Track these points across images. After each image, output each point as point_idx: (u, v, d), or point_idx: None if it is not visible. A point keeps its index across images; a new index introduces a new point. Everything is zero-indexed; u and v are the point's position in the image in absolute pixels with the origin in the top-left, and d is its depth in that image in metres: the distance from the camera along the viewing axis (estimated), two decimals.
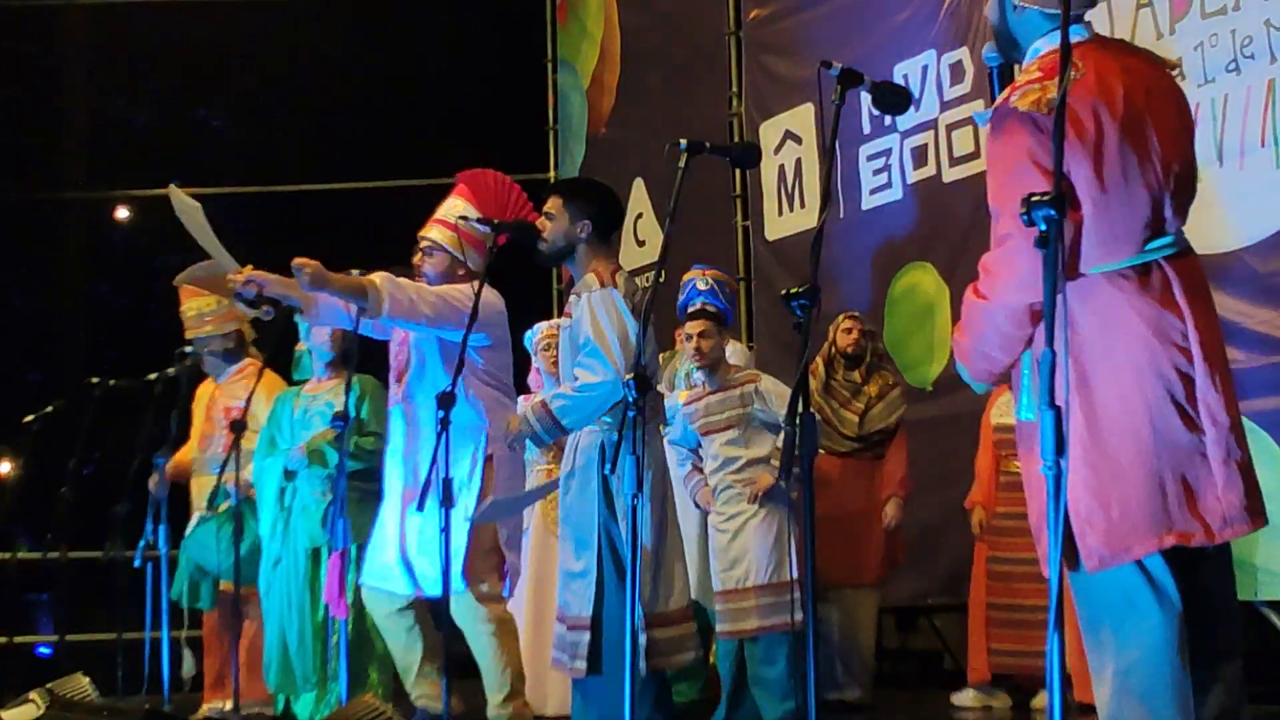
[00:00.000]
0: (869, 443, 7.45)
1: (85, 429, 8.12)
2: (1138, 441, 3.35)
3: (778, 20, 10.30)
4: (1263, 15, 6.82)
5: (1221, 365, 3.44)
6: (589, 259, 5.55)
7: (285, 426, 7.18)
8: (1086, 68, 3.49)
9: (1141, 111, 3.48)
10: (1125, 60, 3.60)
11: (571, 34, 12.83)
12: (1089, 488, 3.36)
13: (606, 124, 12.25)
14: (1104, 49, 3.63)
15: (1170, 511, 3.33)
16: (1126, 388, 3.37)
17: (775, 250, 10.15)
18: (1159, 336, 3.38)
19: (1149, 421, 3.35)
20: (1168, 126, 3.52)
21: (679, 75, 11.34)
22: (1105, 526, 3.34)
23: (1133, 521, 3.33)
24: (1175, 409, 3.36)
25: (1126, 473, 3.35)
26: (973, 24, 8.59)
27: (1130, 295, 3.40)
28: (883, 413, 7.47)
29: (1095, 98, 3.44)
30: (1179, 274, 3.45)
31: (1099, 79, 3.48)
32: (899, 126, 9.04)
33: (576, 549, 5.42)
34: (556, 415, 5.38)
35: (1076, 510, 3.35)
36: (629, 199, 11.50)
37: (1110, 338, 3.39)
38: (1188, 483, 3.35)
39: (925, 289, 8.88)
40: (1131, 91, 3.49)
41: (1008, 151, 3.47)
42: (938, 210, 8.84)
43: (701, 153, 4.46)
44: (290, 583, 6.95)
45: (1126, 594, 3.37)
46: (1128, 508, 3.33)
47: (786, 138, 10.04)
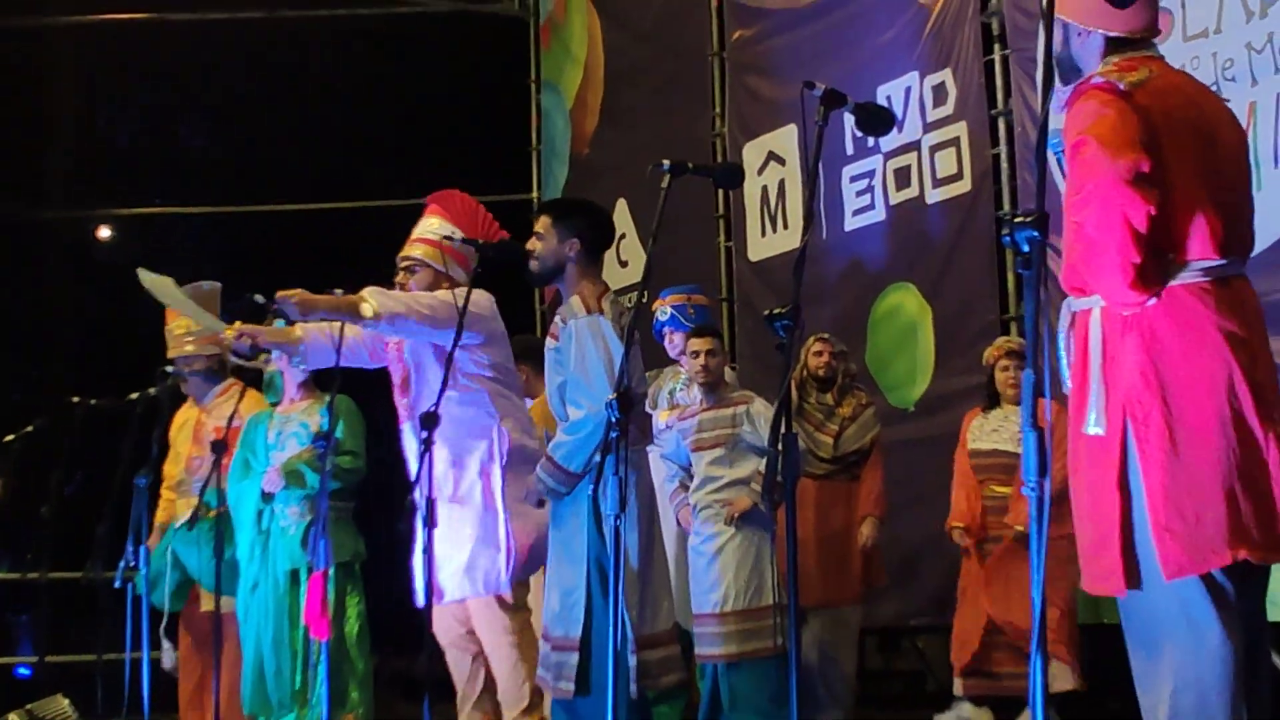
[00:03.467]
0: (845, 464, 7.44)
1: (66, 449, 8.10)
2: (1214, 453, 3.37)
3: (761, 41, 10.32)
4: (1244, 38, 6.85)
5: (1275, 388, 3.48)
6: (578, 279, 5.54)
7: (260, 449, 7.17)
8: (1158, 71, 3.55)
9: (1208, 122, 3.55)
10: (1194, 82, 3.71)
11: (555, 55, 12.84)
12: (1169, 496, 3.37)
13: (590, 144, 12.25)
14: (1173, 70, 3.69)
15: (1245, 525, 3.35)
16: (1203, 398, 3.39)
17: (758, 271, 10.16)
18: (1234, 352, 3.41)
19: (1224, 434, 3.38)
20: (1231, 150, 3.60)
21: (662, 96, 11.35)
22: (1184, 535, 3.35)
23: (1209, 532, 3.34)
24: (1246, 424, 3.39)
25: (1204, 482, 3.36)
26: (955, 46, 8.62)
27: (1209, 309, 3.43)
28: (857, 434, 7.46)
29: (1167, 102, 3.49)
30: (1247, 296, 3.51)
31: (1171, 85, 3.55)
32: (882, 148, 9.06)
33: (565, 568, 5.40)
34: (562, 464, 5.37)
35: (1156, 518, 3.37)
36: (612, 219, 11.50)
37: (1189, 349, 3.41)
38: (1258, 498, 3.37)
39: (908, 310, 8.89)
40: (1200, 103, 3.58)
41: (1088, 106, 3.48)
42: (920, 231, 8.86)
43: (684, 173, 4.47)
44: (269, 606, 6.93)
45: (1187, 611, 3.38)
46: (1204, 518, 3.35)
47: (769, 158, 10.06)
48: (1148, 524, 3.37)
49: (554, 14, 12.85)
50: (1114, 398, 3.44)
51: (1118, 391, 3.44)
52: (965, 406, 7.50)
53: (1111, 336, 3.47)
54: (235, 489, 7.15)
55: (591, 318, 5.37)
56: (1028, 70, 8.09)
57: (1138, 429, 3.40)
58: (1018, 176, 8.27)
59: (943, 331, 8.64)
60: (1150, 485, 3.36)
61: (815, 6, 9.75)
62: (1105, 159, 3.35)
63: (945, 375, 8.56)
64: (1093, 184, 3.39)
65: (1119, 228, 3.32)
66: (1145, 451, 3.39)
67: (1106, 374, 3.46)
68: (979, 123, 8.50)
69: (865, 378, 8.88)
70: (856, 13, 9.40)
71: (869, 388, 8.67)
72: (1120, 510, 3.40)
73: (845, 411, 7.49)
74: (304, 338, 6.25)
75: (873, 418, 7.55)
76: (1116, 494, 3.41)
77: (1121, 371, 3.43)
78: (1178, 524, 3.35)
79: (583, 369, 5.32)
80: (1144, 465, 3.38)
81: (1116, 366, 3.45)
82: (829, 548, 7.31)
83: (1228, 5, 6.95)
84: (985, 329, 8.15)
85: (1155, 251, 3.38)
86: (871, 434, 7.50)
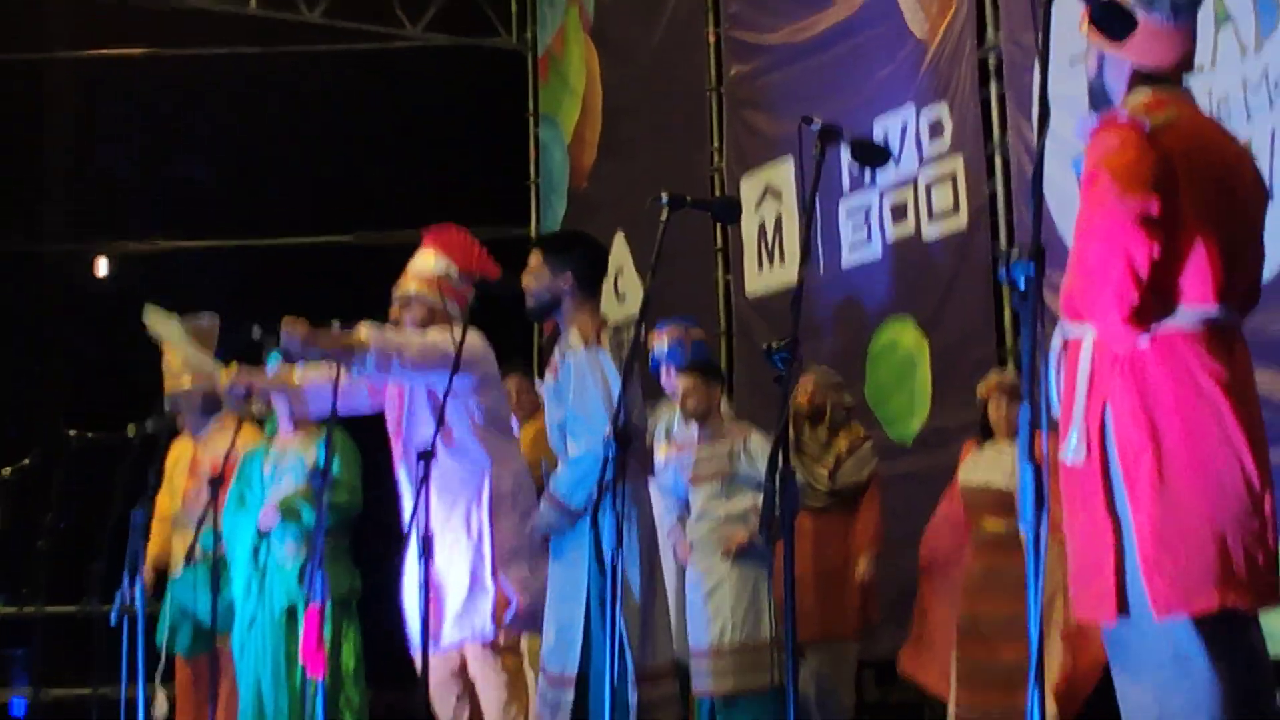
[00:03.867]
0: (842, 498, 7.41)
1: (62, 482, 8.08)
2: (1205, 497, 3.37)
3: (758, 76, 10.35)
4: (1238, 74, 6.87)
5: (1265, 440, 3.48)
6: (574, 312, 5.52)
7: (255, 483, 7.16)
8: (1186, 114, 3.57)
9: (1230, 171, 3.56)
10: (1220, 130, 3.72)
11: (553, 89, 12.88)
12: (1158, 534, 3.36)
13: (588, 178, 12.28)
14: (1200, 114, 3.71)
15: (1234, 572, 3.35)
16: (1195, 446, 3.39)
17: (756, 305, 10.16)
18: (1228, 398, 3.41)
19: (1216, 480, 3.38)
20: (1248, 204, 3.60)
21: (660, 130, 11.38)
22: (1174, 574, 3.34)
23: (1197, 575, 3.33)
24: (1240, 472, 3.39)
25: (1194, 526, 3.35)
26: (952, 81, 8.64)
27: (1201, 355, 3.43)
28: (854, 468, 7.44)
29: (1189, 146, 3.49)
30: (1239, 347, 3.51)
31: (1196, 129, 3.56)
32: (878, 182, 9.08)
33: (565, 602, 5.37)
34: (564, 500, 5.36)
35: (1146, 555, 3.35)
36: (610, 253, 11.51)
37: (1181, 394, 3.40)
38: (1250, 546, 3.37)
39: (905, 344, 8.89)
40: (1224, 150, 3.59)
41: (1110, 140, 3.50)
42: (917, 265, 8.87)
43: (682, 207, 4.47)
44: (266, 642, 6.91)
45: (1175, 642, 3.37)
46: (1193, 560, 3.34)
47: (767, 193, 10.07)
48: (1137, 559, 3.37)
49: (552, 48, 12.89)
50: (1094, 428, 3.44)
51: (1099, 423, 3.44)
52: (963, 441, 7.49)
53: (1101, 369, 3.47)
54: (230, 523, 7.14)
55: (590, 351, 5.35)
56: (1024, 105, 8.11)
57: (1127, 467, 3.40)
58: (1014, 211, 8.29)
59: (940, 366, 8.64)
60: (1140, 523, 3.36)
61: (812, 41, 9.78)
62: (1116, 195, 3.36)
63: (943, 410, 8.55)
64: (1100, 217, 3.40)
65: (1120, 266, 3.33)
66: (1135, 490, 3.38)
67: (1091, 404, 3.46)
68: (976, 157, 8.51)
69: (863, 412, 8.87)
70: (853, 48, 9.42)
71: (867, 422, 8.67)
72: (1113, 538, 3.40)
73: (841, 445, 7.47)
74: (302, 383, 6.22)
75: (870, 452, 7.54)
76: (1108, 521, 3.41)
77: (1112, 408, 3.44)
78: (1168, 563, 3.35)
79: (582, 403, 5.31)
80: (1133, 503, 3.38)
81: (1102, 400, 3.45)
82: (826, 582, 7.29)
83: (1222, 41, 6.97)
84: (983, 363, 8.15)
85: (1154, 294, 3.38)
86: (869, 468, 7.48)
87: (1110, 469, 3.42)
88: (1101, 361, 3.47)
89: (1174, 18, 3.59)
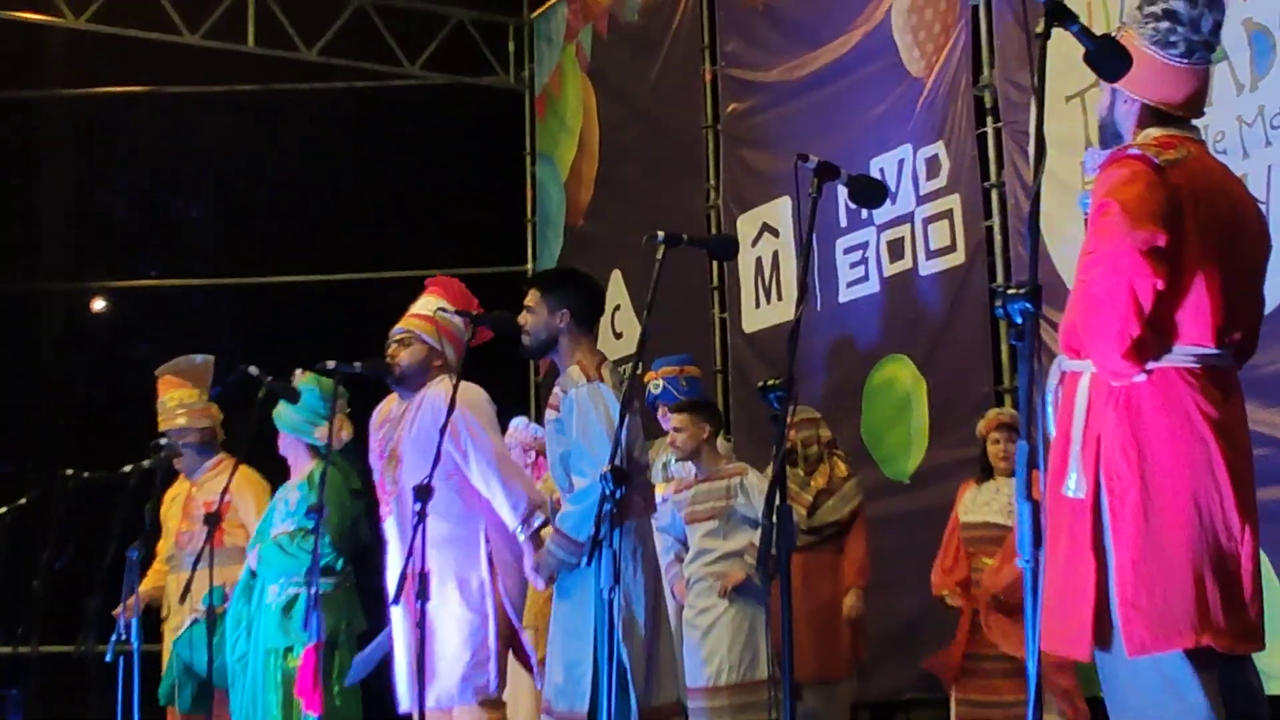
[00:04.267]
0: (822, 535, 7.36)
1: (58, 521, 8.06)
2: (1187, 535, 3.38)
3: (755, 114, 10.37)
4: (1234, 111, 6.89)
5: (1253, 481, 3.50)
6: (572, 350, 5.52)
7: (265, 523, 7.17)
8: (1196, 154, 3.59)
9: (1235, 214, 3.58)
10: (1229, 173, 3.76)
11: (550, 127, 12.91)
12: (1138, 572, 3.37)
13: (585, 216, 12.29)
14: (1210, 156, 3.73)
15: (1210, 612, 3.35)
16: (1181, 481, 3.40)
17: (752, 342, 10.16)
18: (1217, 438, 3.42)
19: (1198, 519, 3.39)
20: (1252, 248, 3.63)
21: (657, 168, 11.40)
22: (1150, 612, 3.35)
23: (1175, 614, 3.34)
24: (1221, 513, 3.40)
25: (1174, 565, 3.36)
26: (948, 119, 8.65)
27: (1196, 394, 3.44)
28: (835, 506, 7.39)
29: (1197, 184, 3.51)
30: (1234, 389, 3.53)
31: (1205, 170, 3.58)
32: (875, 220, 9.09)
33: (571, 640, 5.33)
34: (571, 534, 5.32)
35: (1123, 593, 3.37)
36: (607, 291, 11.53)
37: (1172, 431, 3.42)
38: (1227, 586, 3.38)
39: (902, 382, 8.88)
40: (1231, 194, 3.62)
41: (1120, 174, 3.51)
42: (914, 303, 8.87)
43: (679, 245, 4.47)
44: (256, 682, 6.89)
45: (1170, 681, 3.37)
46: (1171, 600, 3.35)
47: (763, 230, 10.08)
48: (1115, 594, 3.37)
49: (549, 86, 12.92)
50: (1090, 464, 3.44)
51: (1094, 459, 3.45)
52: (960, 479, 7.47)
53: (1097, 404, 3.48)
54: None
55: (593, 385, 5.34)
56: (1020, 142, 8.12)
57: (1113, 501, 3.40)
58: (1011, 249, 8.28)
59: (937, 403, 8.63)
60: (1120, 559, 3.38)
61: (809, 80, 9.80)
62: (1124, 226, 3.38)
63: (940, 447, 8.54)
64: (1107, 247, 3.41)
65: (1123, 296, 3.34)
66: (1118, 525, 3.39)
67: (1087, 439, 3.47)
68: (972, 195, 8.52)
69: (860, 450, 8.86)
70: (850, 86, 9.44)
71: (864, 460, 8.67)
72: (1095, 574, 3.40)
73: (820, 482, 7.42)
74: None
75: (854, 489, 7.49)
76: (1091, 557, 3.41)
77: (1103, 441, 3.44)
78: (1144, 600, 3.35)
79: (585, 436, 5.29)
80: (1115, 538, 3.39)
81: (1098, 434, 3.46)
82: (817, 620, 7.24)
83: (1218, 78, 6.97)
84: (980, 401, 8.14)
85: (1154, 328, 3.39)
86: (851, 505, 7.44)
87: (1100, 503, 3.42)
88: (1098, 396, 3.48)
89: (1188, 58, 3.61)
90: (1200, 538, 3.37)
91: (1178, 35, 3.58)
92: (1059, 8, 3.10)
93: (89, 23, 11.84)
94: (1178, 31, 3.59)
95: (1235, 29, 6.92)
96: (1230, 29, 6.86)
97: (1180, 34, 3.59)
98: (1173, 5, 3.61)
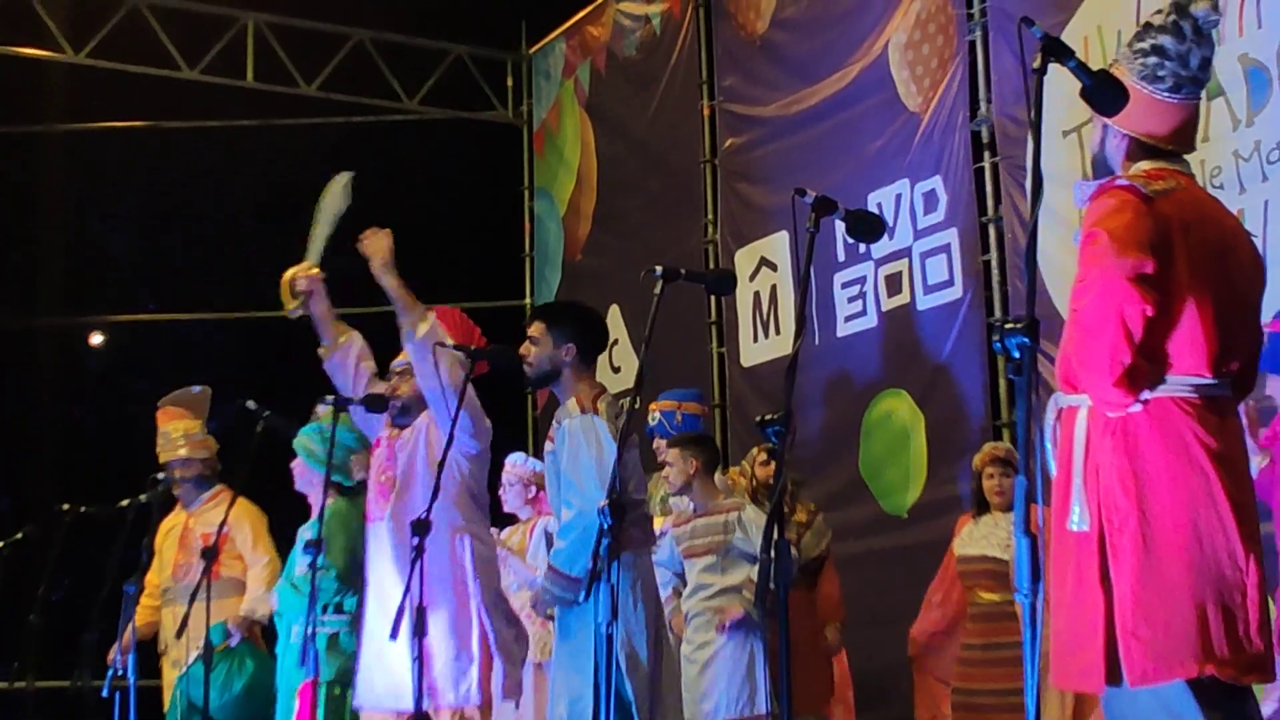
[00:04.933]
0: (806, 571, 7.37)
1: (55, 556, 8.04)
2: (1188, 565, 3.38)
3: (752, 149, 10.39)
4: (1231, 146, 6.91)
5: (1255, 511, 3.50)
6: (574, 382, 5.55)
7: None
8: (1185, 185, 3.61)
9: (1227, 246, 3.60)
10: (1218, 204, 3.77)
11: (548, 162, 12.93)
12: (1138, 602, 3.37)
13: (583, 251, 12.31)
14: (1199, 188, 3.76)
15: (1212, 642, 3.35)
16: (1181, 511, 3.40)
17: (750, 377, 10.15)
18: (1217, 468, 3.42)
19: (1199, 549, 3.39)
20: (1244, 278, 3.63)
21: (655, 203, 11.42)
22: (1151, 642, 3.34)
23: (1176, 643, 3.34)
24: (1224, 543, 3.39)
25: (1175, 595, 3.36)
26: (945, 153, 8.68)
27: (1194, 423, 3.44)
28: (814, 540, 7.41)
29: (1186, 214, 3.53)
30: (1231, 417, 3.54)
31: (1194, 200, 3.60)
32: (873, 254, 9.10)
33: (574, 675, 5.30)
34: (563, 570, 5.31)
35: (1123, 623, 3.36)
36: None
37: (1171, 461, 3.42)
38: (1230, 616, 3.37)
39: (900, 416, 8.88)
40: (1222, 225, 3.63)
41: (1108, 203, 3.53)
42: (912, 338, 8.87)
43: (677, 279, 4.48)
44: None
45: (1175, 716, 3.36)
46: (1173, 629, 3.34)
47: (761, 265, 10.09)
48: (1117, 626, 3.37)
49: (547, 121, 12.95)
50: (1092, 496, 3.45)
51: (1096, 491, 3.45)
52: (958, 513, 7.46)
53: (1095, 436, 3.49)
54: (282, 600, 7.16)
55: (586, 417, 5.35)
56: (1017, 177, 8.14)
57: (1112, 533, 3.41)
58: (1009, 283, 8.29)
59: (935, 438, 8.63)
60: (1120, 590, 3.37)
61: (806, 114, 9.83)
62: (1112, 254, 3.39)
63: (938, 482, 8.53)
64: (1096, 276, 3.43)
65: (1113, 323, 3.36)
66: (1118, 556, 3.39)
67: (1088, 472, 3.47)
68: (969, 229, 8.53)
69: (858, 484, 8.86)
70: (847, 121, 9.47)
71: (862, 494, 8.67)
72: (1104, 607, 3.40)
73: (801, 517, 7.44)
74: (346, 343, 6.39)
75: (824, 524, 7.52)
76: (1100, 591, 3.41)
77: (1101, 472, 3.44)
78: (1145, 631, 3.35)
79: (575, 468, 5.29)
80: (1115, 569, 3.39)
81: (1096, 466, 3.46)
82: (803, 655, 7.22)
83: (1215, 113, 7.01)
84: (978, 435, 8.14)
85: (1147, 357, 3.40)
86: (826, 540, 7.46)
87: (1104, 535, 3.42)
88: (1095, 428, 3.48)
89: (1176, 93, 3.63)
90: (1202, 567, 3.37)
91: (1166, 70, 3.61)
92: (1055, 43, 3.12)
93: (88, 58, 11.87)
94: (1166, 67, 3.61)
95: (1231, 65, 6.95)
96: (1226, 65, 6.92)
97: (1169, 69, 3.62)
98: (1161, 41, 3.63)
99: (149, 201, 13.64)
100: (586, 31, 12.49)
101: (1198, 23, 3.64)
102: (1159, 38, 3.64)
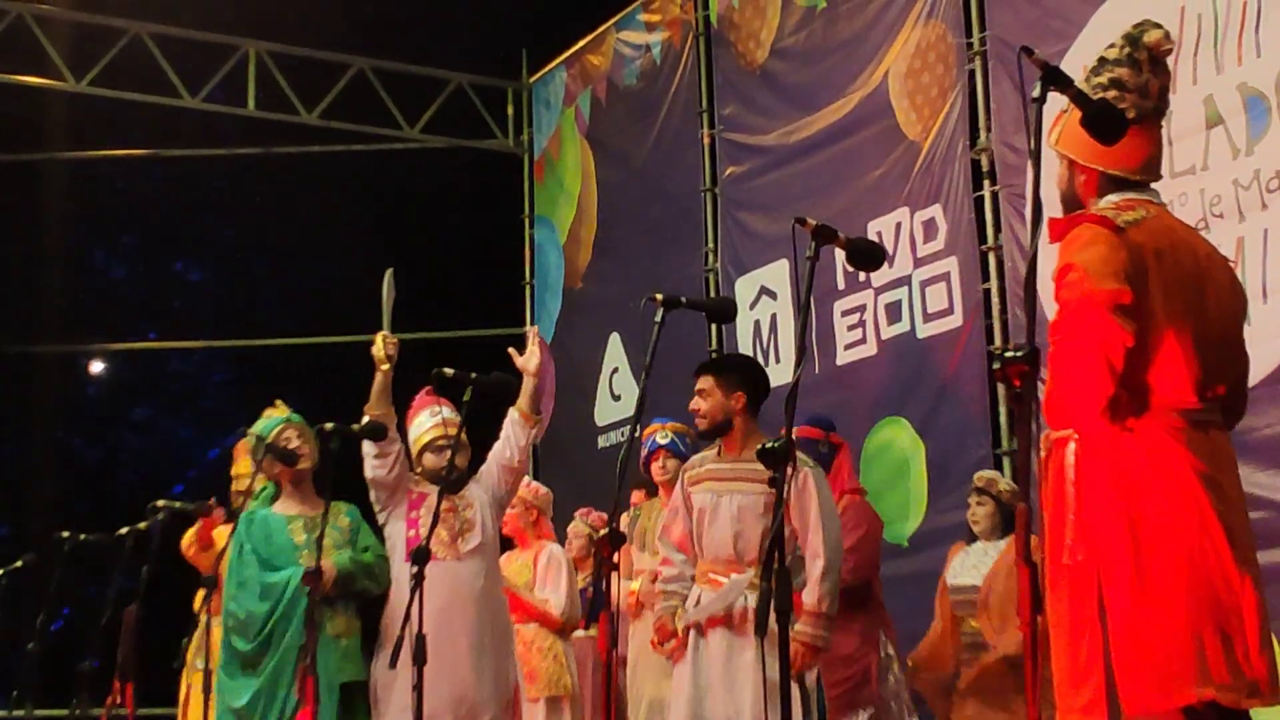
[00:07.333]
0: None
1: (54, 584, 8.03)
2: (1182, 592, 3.37)
3: (753, 178, 10.41)
4: (1230, 175, 6.91)
5: (1250, 535, 3.49)
6: (746, 430, 5.77)
7: None
8: (1155, 214, 3.63)
9: (1202, 269, 3.60)
10: (1190, 230, 3.79)
11: (549, 190, 12.95)
12: (1133, 632, 3.36)
13: (583, 279, 12.32)
14: (1170, 215, 3.77)
15: (1209, 667, 3.34)
16: (1174, 537, 3.40)
17: None
18: (1208, 493, 3.42)
19: (1193, 574, 3.38)
20: (1222, 303, 3.64)
21: (655, 231, 11.43)
22: (1150, 671, 3.34)
23: (1174, 670, 3.33)
24: (1216, 566, 3.39)
25: (1170, 622, 3.36)
26: (945, 182, 8.69)
27: (1183, 449, 3.45)
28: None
29: (1160, 242, 3.54)
30: (1221, 443, 3.53)
31: (1166, 228, 3.62)
32: (873, 282, 9.10)
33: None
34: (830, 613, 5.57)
35: (1120, 655, 3.36)
36: (605, 353, 11.56)
37: (1162, 488, 3.42)
38: (1227, 640, 3.37)
39: (900, 444, 8.87)
40: (1195, 250, 3.64)
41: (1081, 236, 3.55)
42: (912, 366, 8.87)
43: (677, 307, 4.49)
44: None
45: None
46: (1170, 656, 3.34)
47: (761, 293, 10.10)
48: (1112, 657, 3.37)
49: (548, 150, 12.98)
50: (1085, 528, 3.44)
51: (1090, 523, 3.44)
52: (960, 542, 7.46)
53: (1085, 467, 3.48)
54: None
55: (818, 469, 5.73)
56: (1017, 206, 8.15)
57: (1105, 563, 3.40)
58: (1009, 311, 8.29)
59: (935, 466, 8.62)
60: (1115, 621, 3.36)
61: (806, 143, 9.85)
62: (1088, 286, 3.41)
63: (938, 511, 8.52)
64: (1073, 308, 3.44)
65: (1093, 355, 3.37)
66: (1111, 585, 3.39)
67: (1080, 504, 3.46)
68: (969, 258, 8.54)
69: None
70: (847, 149, 9.48)
71: None
72: (1102, 639, 3.39)
73: None
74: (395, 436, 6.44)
75: None
76: (1097, 623, 3.40)
77: (1093, 502, 3.44)
78: (1141, 659, 3.35)
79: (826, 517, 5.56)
80: (1109, 598, 3.38)
81: (1089, 498, 3.45)
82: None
83: (1214, 142, 7.02)
84: (978, 464, 8.12)
85: (1129, 387, 3.40)
86: None
87: (1098, 568, 3.42)
88: (1085, 459, 3.48)
89: (1137, 121, 3.63)
90: (1196, 592, 3.36)
91: (1126, 103, 3.61)
92: (1055, 72, 3.13)
93: (89, 86, 11.89)
94: (1125, 99, 3.62)
95: (1231, 94, 6.96)
96: (1226, 94, 6.93)
97: (1129, 101, 3.63)
98: (1118, 74, 3.66)
99: (150, 229, 13.66)
100: (587, 60, 12.52)
101: (1151, 53, 3.66)
102: (1115, 70, 3.66)
